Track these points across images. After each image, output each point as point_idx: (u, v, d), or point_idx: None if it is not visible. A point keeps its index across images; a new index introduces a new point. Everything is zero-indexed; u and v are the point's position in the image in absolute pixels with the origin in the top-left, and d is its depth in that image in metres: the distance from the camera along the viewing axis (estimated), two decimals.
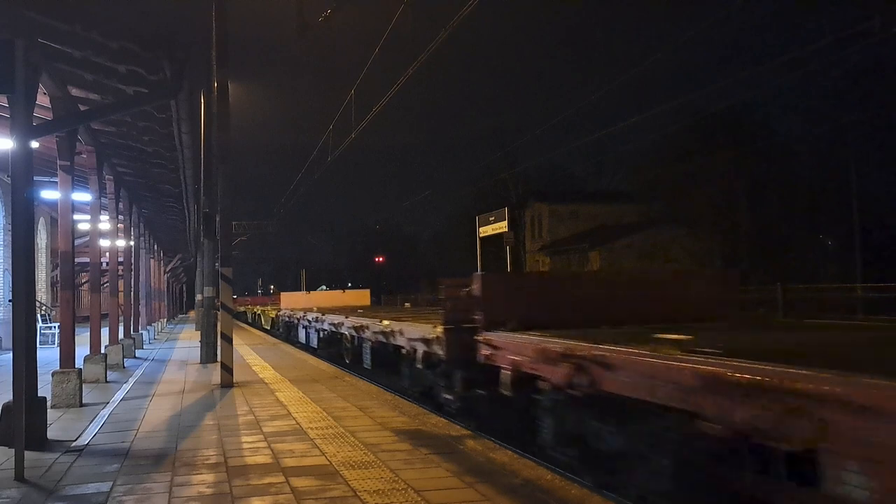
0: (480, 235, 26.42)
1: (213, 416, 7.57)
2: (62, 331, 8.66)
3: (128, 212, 15.73)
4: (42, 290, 21.97)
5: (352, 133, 17.76)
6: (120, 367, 12.96)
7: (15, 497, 4.61)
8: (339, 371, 11.95)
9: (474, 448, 5.73)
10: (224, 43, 11.06)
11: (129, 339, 15.57)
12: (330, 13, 12.24)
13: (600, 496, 4.45)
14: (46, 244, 22.67)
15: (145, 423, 7.26)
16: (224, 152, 10.94)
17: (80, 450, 6.00)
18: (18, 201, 5.54)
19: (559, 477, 4.84)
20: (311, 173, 27.42)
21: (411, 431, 6.49)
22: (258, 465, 5.27)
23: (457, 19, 10.04)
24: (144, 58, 7.71)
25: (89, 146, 10.39)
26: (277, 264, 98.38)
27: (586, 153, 47.12)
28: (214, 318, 12.55)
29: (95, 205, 10.89)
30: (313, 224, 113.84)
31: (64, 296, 8.60)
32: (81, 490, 4.74)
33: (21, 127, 5.65)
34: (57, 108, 7.96)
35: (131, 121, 10.38)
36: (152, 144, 11.70)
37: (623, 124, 30.48)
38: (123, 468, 5.31)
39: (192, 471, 5.17)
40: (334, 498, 4.39)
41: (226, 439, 6.29)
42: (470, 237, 33.44)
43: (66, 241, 8.48)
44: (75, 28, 7.13)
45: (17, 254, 5.53)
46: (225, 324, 10.42)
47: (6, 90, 5.31)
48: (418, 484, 4.64)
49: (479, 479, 4.77)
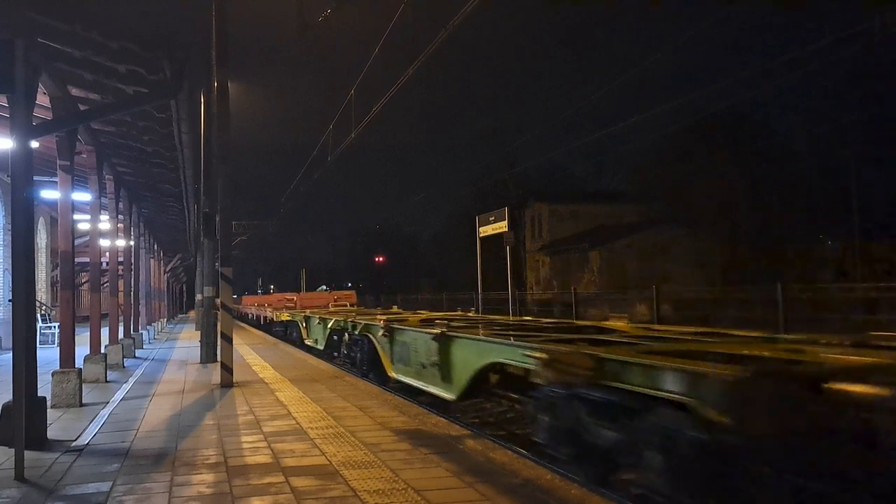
0: (480, 235, 26.37)
1: (212, 416, 7.57)
2: (62, 331, 8.66)
3: (128, 212, 15.73)
4: (42, 290, 21.98)
5: (352, 133, 17.75)
6: (120, 366, 12.96)
7: (15, 497, 4.61)
8: (339, 371, 11.97)
9: (474, 448, 5.73)
10: (224, 43, 11.06)
11: (129, 339, 15.57)
12: (330, 13, 12.23)
13: (600, 496, 4.45)
14: (46, 244, 22.68)
15: (145, 423, 7.26)
16: (224, 152, 10.94)
17: (80, 449, 6.00)
18: (18, 201, 5.54)
19: (559, 476, 4.84)
20: (311, 173, 27.43)
21: (411, 431, 6.49)
22: (258, 465, 5.27)
23: (457, 19, 10.04)
24: (144, 58, 7.72)
25: (89, 146, 10.39)
26: (277, 264, 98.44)
27: (586, 153, 47.25)
28: (214, 318, 12.56)
29: (95, 205, 10.89)
30: (313, 224, 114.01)
31: (64, 296, 8.60)
32: (81, 490, 4.74)
33: (21, 127, 5.65)
34: (57, 108, 7.96)
35: (131, 121, 10.38)
36: (152, 144, 11.71)
37: (623, 124, 30.58)
38: (123, 468, 5.31)
39: (191, 471, 5.17)
40: (334, 498, 4.39)
41: (226, 439, 6.29)
42: (470, 237, 33.39)
43: (66, 241, 8.48)
44: (75, 28, 7.13)
45: (17, 254, 5.53)
46: (225, 324, 10.42)
47: (6, 90, 5.31)
48: (418, 484, 4.64)
49: (479, 478, 4.77)
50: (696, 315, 15.75)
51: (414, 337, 8.96)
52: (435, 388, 8.17)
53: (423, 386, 8.61)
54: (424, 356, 8.40)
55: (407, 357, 9.24)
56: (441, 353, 7.90)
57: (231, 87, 11.56)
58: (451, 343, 7.75)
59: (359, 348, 12.08)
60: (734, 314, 15.46)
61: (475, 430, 7.23)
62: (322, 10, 12.35)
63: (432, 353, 8.05)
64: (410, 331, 9.19)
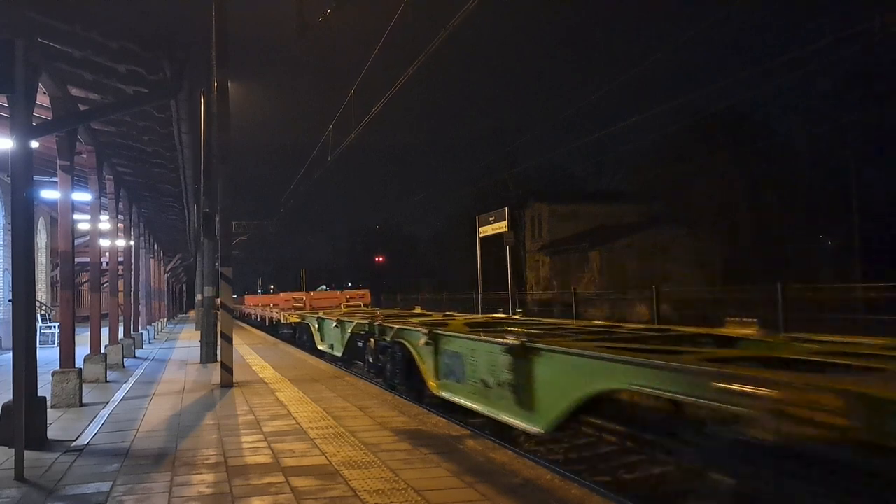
0: (480, 235, 26.41)
1: (212, 416, 7.57)
2: (62, 331, 8.66)
3: (128, 212, 15.73)
4: (42, 290, 21.98)
5: (352, 133, 17.76)
6: (120, 366, 12.96)
7: (15, 497, 4.61)
8: (339, 371, 11.96)
9: (474, 448, 5.73)
10: (224, 43, 11.06)
11: (129, 339, 15.57)
12: (330, 13, 12.23)
13: (600, 496, 4.45)
14: (46, 244, 22.68)
15: (145, 423, 7.26)
16: (224, 152, 10.94)
17: (80, 449, 6.00)
18: (18, 201, 5.54)
19: (559, 476, 4.84)
20: (311, 173, 27.42)
21: (411, 431, 6.49)
22: (258, 465, 5.27)
23: (457, 19, 10.04)
24: (144, 58, 7.72)
25: (89, 146, 10.39)
26: (277, 264, 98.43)
27: (586, 153, 47.25)
28: (214, 318, 12.56)
29: (95, 204, 10.89)
30: (313, 224, 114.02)
31: (64, 296, 8.60)
32: (81, 490, 4.74)
33: (21, 127, 5.65)
34: (57, 108, 7.96)
35: (131, 121, 10.39)
36: (152, 144, 11.71)
37: (623, 124, 30.53)
38: (123, 468, 5.31)
39: (191, 471, 5.17)
40: (334, 498, 4.39)
41: (226, 439, 6.29)
42: (470, 237, 33.43)
43: (66, 241, 8.48)
44: (75, 28, 7.13)
45: (17, 254, 5.54)
46: (225, 324, 10.42)
47: (6, 90, 5.32)
48: (418, 484, 4.64)
49: (479, 478, 4.77)
50: (696, 314, 15.76)
51: (472, 347, 7.17)
52: (508, 416, 6.33)
53: (488, 411, 6.76)
54: (489, 372, 6.67)
55: (460, 372, 7.47)
56: (518, 370, 6.08)
57: (231, 87, 11.56)
58: (537, 358, 5.91)
59: (388, 357, 10.32)
60: (734, 314, 15.44)
61: (475, 431, 7.12)
62: (322, 10, 12.36)
63: (503, 369, 6.27)
64: (467, 339, 7.33)
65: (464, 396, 7.41)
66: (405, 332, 9.42)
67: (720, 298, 19.65)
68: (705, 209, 38.57)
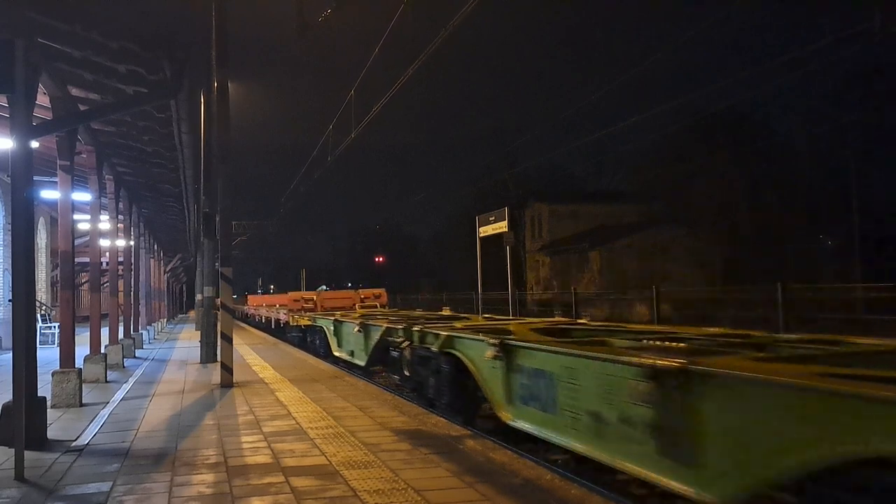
0: (480, 235, 26.43)
1: (212, 416, 7.57)
2: (62, 331, 8.66)
3: (128, 212, 15.73)
4: (42, 290, 21.98)
5: (352, 133, 17.78)
6: (120, 366, 12.96)
7: (15, 497, 4.61)
8: (339, 371, 11.95)
9: (474, 448, 5.73)
10: (224, 43, 11.06)
11: (129, 339, 15.57)
12: (330, 13, 12.23)
13: (600, 496, 4.45)
14: (46, 244, 22.68)
15: (145, 423, 7.26)
16: (224, 152, 10.95)
17: (80, 449, 6.00)
18: (18, 201, 5.54)
19: (559, 477, 4.84)
20: (311, 173, 27.45)
21: (411, 431, 6.49)
22: (258, 465, 5.27)
23: (457, 19, 10.05)
24: (144, 58, 7.72)
25: (89, 146, 10.39)
26: (277, 264, 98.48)
27: (586, 153, 47.28)
28: (214, 318, 12.56)
29: (95, 205, 10.89)
30: (313, 224, 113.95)
31: (64, 296, 8.60)
32: (81, 490, 4.74)
33: (21, 127, 5.65)
34: (57, 108, 7.96)
35: (131, 121, 10.39)
36: (152, 144, 11.71)
37: (623, 124, 30.49)
38: (123, 468, 5.31)
39: (192, 471, 5.17)
40: (334, 498, 4.39)
41: (226, 439, 6.29)
42: (470, 237, 33.44)
43: (66, 241, 8.48)
44: (75, 28, 7.13)
45: (17, 254, 5.53)
46: (225, 324, 10.42)
47: (6, 90, 5.31)
48: (418, 484, 4.64)
49: (479, 478, 4.77)
50: (696, 314, 15.76)
51: (570, 366, 5.45)
52: (643, 469, 4.58)
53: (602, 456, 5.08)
54: (604, 402, 5.01)
55: (546, 398, 5.85)
56: (669, 405, 4.31)
57: (231, 87, 11.57)
58: (715, 392, 4.05)
59: (431, 371, 8.60)
60: (734, 314, 15.49)
61: (475, 431, 7.11)
62: (322, 10, 12.36)
63: (635, 400, 4.59)
64: (565, 355, 5.55)
65: (556, 431, 5.73)
66: (459, 342, 7.74)
67: (720, 298, 19.68)
68: (705, 209, 38.59)
